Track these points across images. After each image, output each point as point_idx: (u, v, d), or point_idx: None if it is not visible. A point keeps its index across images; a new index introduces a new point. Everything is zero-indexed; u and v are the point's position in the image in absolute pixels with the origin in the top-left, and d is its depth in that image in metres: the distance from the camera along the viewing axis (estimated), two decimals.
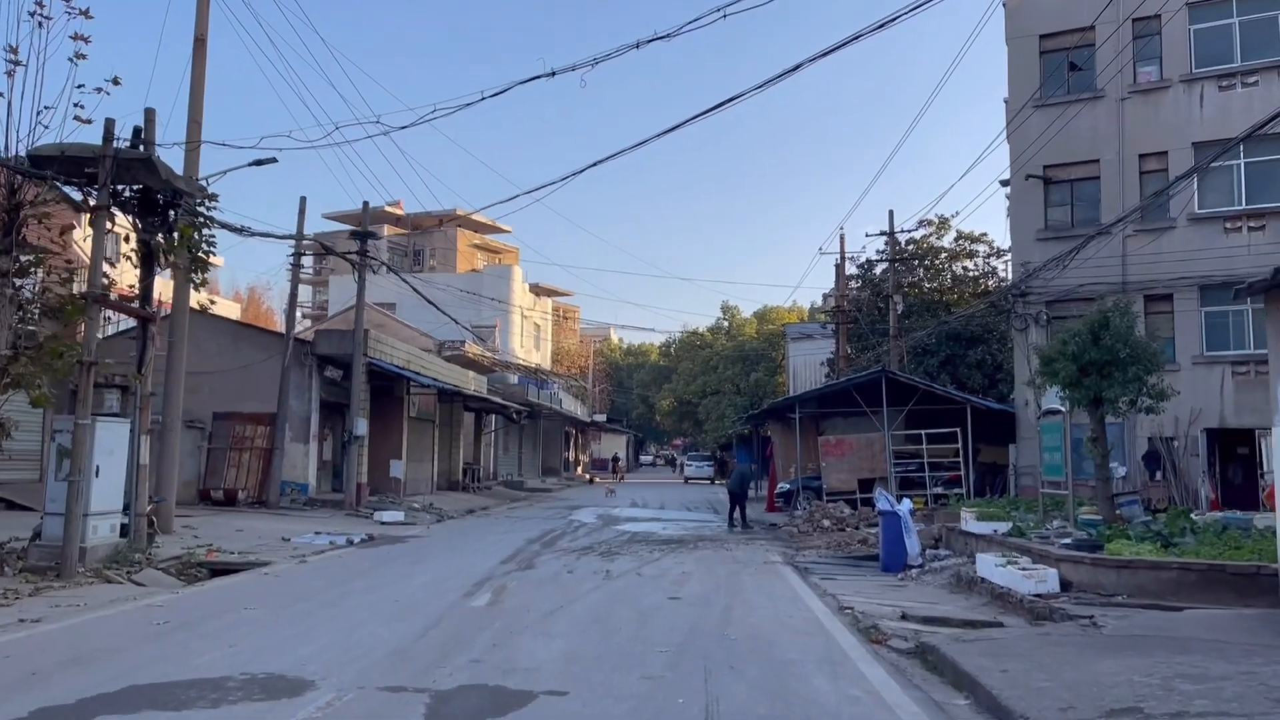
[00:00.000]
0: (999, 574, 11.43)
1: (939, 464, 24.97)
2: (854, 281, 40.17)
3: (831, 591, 12.09)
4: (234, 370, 24.74)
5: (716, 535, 20.89)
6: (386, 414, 28.17)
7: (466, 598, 11.20)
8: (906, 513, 15.47)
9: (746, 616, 10.16)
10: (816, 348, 47.13)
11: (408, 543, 18.47)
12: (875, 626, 9.45)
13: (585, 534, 20.68)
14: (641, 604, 10.93)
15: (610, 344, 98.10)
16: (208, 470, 24.53)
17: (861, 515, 22.75)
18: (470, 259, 68.40)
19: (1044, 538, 12.51)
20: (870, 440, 24.87)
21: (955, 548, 15.77)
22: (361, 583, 12.51)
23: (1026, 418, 23.84)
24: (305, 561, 14.96)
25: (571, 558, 15.80)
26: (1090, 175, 23.86)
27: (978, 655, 7.44)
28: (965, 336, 34.90)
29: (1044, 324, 23.88)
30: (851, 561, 16.39)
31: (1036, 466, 23.85)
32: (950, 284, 39.41)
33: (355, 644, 8.37)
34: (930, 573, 14.36)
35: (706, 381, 59.99)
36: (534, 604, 10.73)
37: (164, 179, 13.71)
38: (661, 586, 12.41)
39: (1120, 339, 13.91)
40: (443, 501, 28.74)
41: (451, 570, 13.83)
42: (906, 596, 12.11)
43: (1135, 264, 22.68)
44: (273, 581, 12.80)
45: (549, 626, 9.38)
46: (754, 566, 15.06)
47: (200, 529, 18.72)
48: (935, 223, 39.19)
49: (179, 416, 18.10)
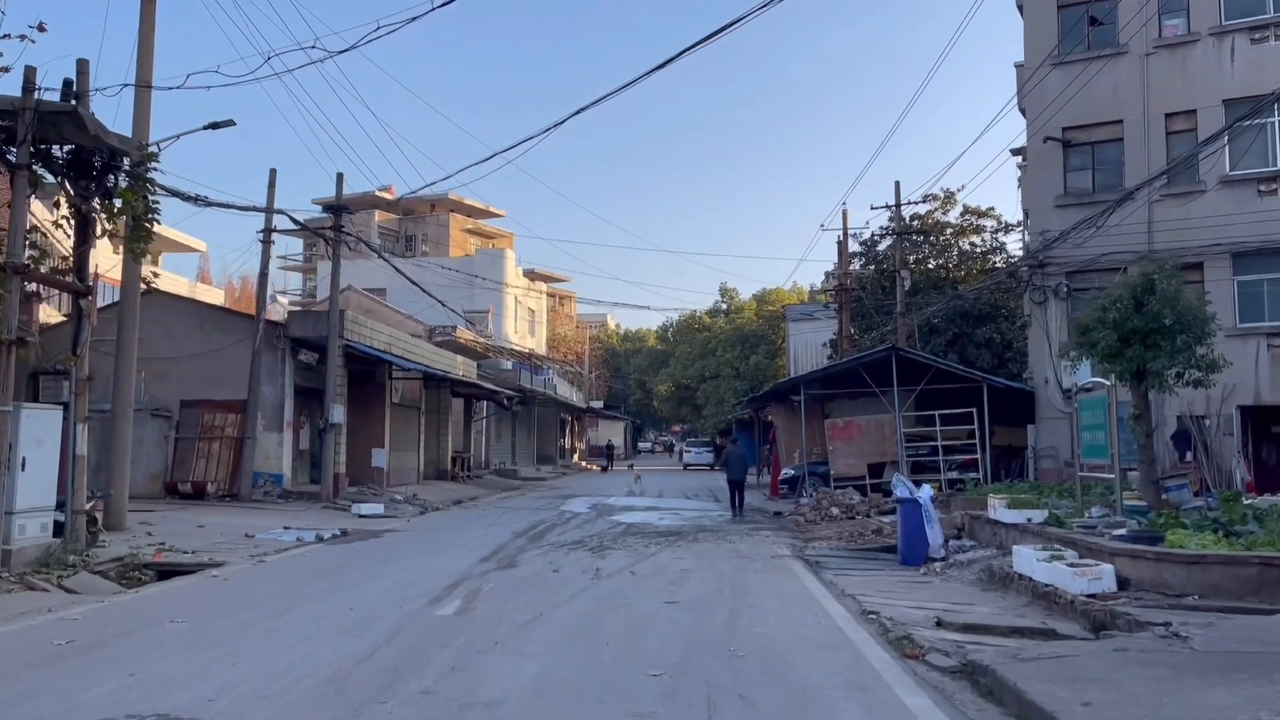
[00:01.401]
0: (1042, 570, 9.99)
1: (951, 447, 23.54)
2: (857, 259, 38.69)
3: (850, 591, 10.64)
4: (202, 355, 23.25)
5: (717, 526, 19.45)
6: (368, 400, 26.68)
7: (433, 605, 9.75)
8: (928, 500, 14.02)
9: (755, 625, 8.71)
10: (818, 329, 45.68)
11: (383, 538, 17.03)
12: (909, 637, 8.00)
13: (577, 526, 19.24)
14: (634, 610, 9.48)
15: (607, 330, 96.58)
16: (175, 462, 23.05)
17: (872, 502, 21.33)
18: (463, 244, 66.89)
19: (1089, 528, 11.07)
20: (880, 422, 23.41)
21: (981, 538, 14.33)
22: (319, 586, 11.06)
23: (1046, 396, 22.41)
24: (263, 562, 13.51)
25: (559, 554, 14.35)
26: (1113, 137, 22.34)
27: (1046, 680, 5.99)
28: (973, 315, 33.56)
29: (1064, 297, 22.40)
30: (866, 554, 14.95)
31: (1058, 449, 22.60)
32: (957, 260, 37.98)
33: (286, 669, 6.92)
34: (956, 567, 12.93)
35: (705, 365, 58.50)
36: (510, 611, 9.28)
37: (93, 134, 12.19)
38: (657, 587, 10.97)
39: (1167, 303, 12.44)
40: (429, 492, 27.30)
41: (423, 571, 12.38)
42: (934, 596, 10.68)
43: (1162, 231, 21.20)
44: (219, 586, 11.35)
45: (524, 641, 7.94)
46: (760, 561, 13.61)
47: (158, 525, 17.28)
48: (940, 197, 37.73)
49: (130, 403, 16.61)
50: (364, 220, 63.81)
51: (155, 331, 23.34)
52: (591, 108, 16.51)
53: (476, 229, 69.75)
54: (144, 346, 23.16)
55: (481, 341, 47.34)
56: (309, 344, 23.82)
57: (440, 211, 67.06)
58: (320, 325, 23.35)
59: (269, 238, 22.79)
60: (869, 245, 38.70)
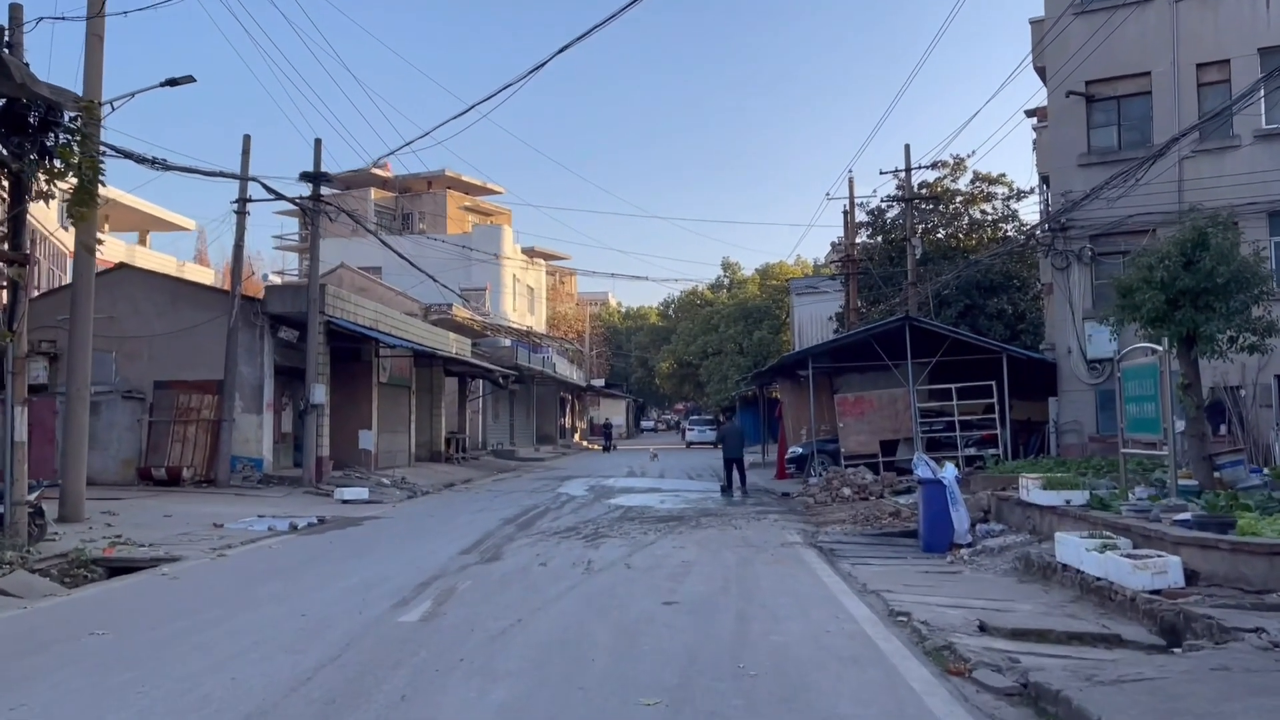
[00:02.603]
0: (1092, 561, 8.75)
1: (968, 422, 22.26)
2: (864, 230, 37.34)
3: (873, 586, 9.41)
4: (176, 333, 22.01)
5: (722, 509, 18.22)
6: (354, 380, 25.44)
7: (398, 608, 8.52)
8: (953, 480, 12.79)
9: (768, 632, 7.49)
10: (823, 303, 44.35)
11: (363, 526, 15.82)
12: (950, 647, 6.77)
13: (572, 510, 18.03)
14: (627, 613, 8.25)
15: (609, 308, 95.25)
16: (149, 446, 21.83)
17: (885, 481, 20.12)
18: (462, 221, 65.60)
19: (1141, 512, 9.81)
20: (893, 397, 22.12)
21: (1010, 521, 13.10)
22: (275, 586, 9.84)
23: (1069, 368, 21.14)
24: (224, 556, 12.29)
25: (549, 543, 13.13)
26: (1140, 90, 20.96)
27: (1139, 714, 4.76)
28: (984, 285, 32.30)
29: (1088, 261, 21.09)
30: (885, 539, 13.73)
31: (1082, 423, 21.34)
32: (967, 229, 36.59)
33: (200, 702, 5.70)
34: (985, 554, 11.71)
35: (707, 341, 57.22)
36: (484, 617, 8.06)
37: (19, 82, 10.87)
38: (655, 584, 9.74)
39: (1222, 260, 11.16)
40: (419, 475, 26.10)
41: (397, 565, 11.16)
42: (968, 590, 9.45)
43: (1194, 190, 19.83)
44: (165, 587, 10.13)
45: (495, 657, 6.72)
46: (769, 550, 12.38)
47: (122, 515, 16.08)
48: (950, 164, 36.30)
49: (86, 384, 15.35)
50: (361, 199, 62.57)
51: (126, 309, 22.16)
52: (574, 45, 15.11)
53: (475, 206, 68.53)
54: (114, 325, 22.05)
55: (479, 320, 46.07)
56: (289, 320, 22.54)
57: (438, 189, 65.91)
58: (300, 300, 22.06)
59: (244, 208, 21.46)
60: (876, 215, 37.35)
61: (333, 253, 52.52)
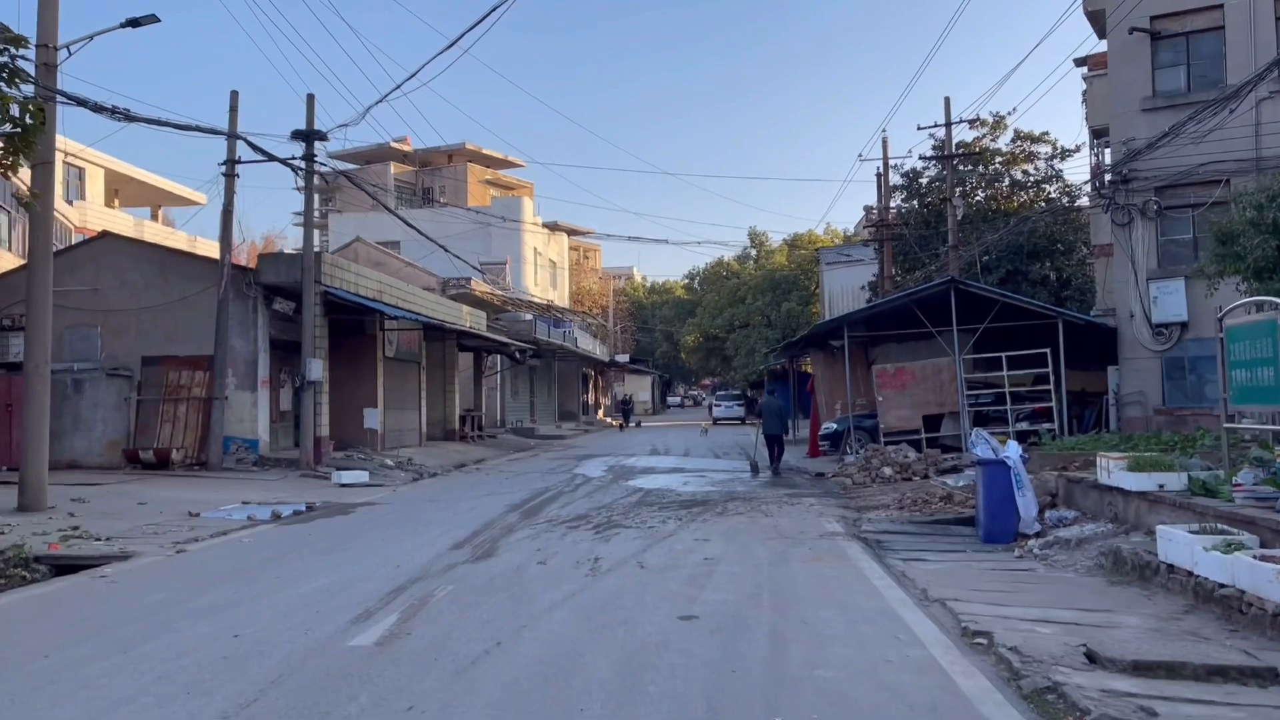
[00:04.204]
0: (1212, 563, 7.04)
1: (1017, 394, 20.42)
2: (898, 193, 35.32)
3: (936, 593, 7.74)
4: (165, 306, 20.59)
5: (751, 492, 16.58)
6: (358, 355, 23.94)
7: (356, 625, 6.96)
8: (1018, 460, 11.08)
9: (812, 662, 5.84)
10: (854, 272, 42.46)
11: (354, 514, 14.33)
12: (1056, 689, 5.10)
13: (585, 494, 16.45)
14: (634, 633, 6.63)
15: (633, 283, 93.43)
16: (137, 427, 20.46)
17: (929, 459, 18.38)
18: (482, 195, 64.14)
19: (1264, 500, 8.06)
20: (938, 367, 20.30)
21: (1084, 507, 11.36)
22: (223, 593, 8.32)
23: (1131, 333, 19.25)
24: (184, 551, 10.81)
25: (554, 535, 11.54)
26: (1211, 25, 18.91)
27: None
28: (1026, 250, 30.41)
29: (1152, 216, 19.14)
30: (937, 527, 12.04)
31: (1146, 393, 19.43)
32: (1008, 191, 34.49)
33: None
34: (1059, 547, 10.01)
35: (734, 314, 55.39)
36: (456, 638, 6.49)
37: None
38: (671, 589, 8.12)
39: None
40: (429, 455, 24.62)
41: (373, 564, 9.62)
42: (1053, 597, 7.77)
43: (1273, 134, 17.91)
44: (94, 594, 8.63)
45: (456, 702, 5.13)
46: (806, 543, 10.72)
47: (93, 503, 14.70)
48: (989, 122, 34.20)
49: (46, 359, 13.87)
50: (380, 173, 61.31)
51: (111, 280, 20.78)
52: None
53: (495, 179, 67.24)
54: (99, 298, 20.70)
55: (498, 294, 44.55)
56: (284, 291, 21.03)
57: (458, 162, 64.83)
58: (295, 269, 20.53)
59: (232, 169, 19.90)
60: (911, 177, 35.34)
61: (350, 227, 51.24)
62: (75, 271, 20.77)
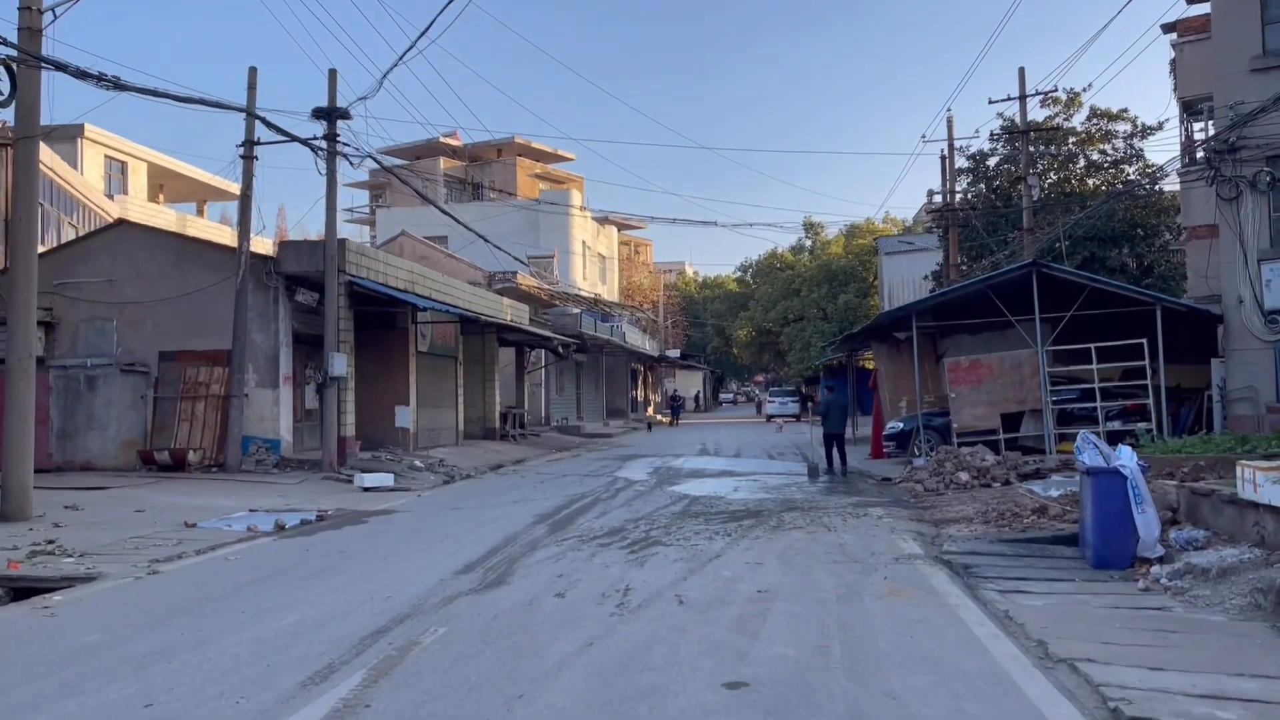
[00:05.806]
0: None
1: (1105, 390, 18.38)
2: (964, 177, 33.18)
3: (1059, 650, 5.96)
4: (183, 297, 19.39)
5: (810, 499, 14.83)
6: (388, 349, 22.59)
7: (306, 688, 5.41)
8: (1136, 470, 9.19)
9: None
10: (916, 262, 40.42)
11: (365, 524, 12.87)
12: None
13: (624, 502, 14.83)
14: (663, 711, 4.97)
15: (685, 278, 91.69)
16: (154, 426, 19.28)
17: (1010, 462, 16.47)
18: (532, 189, 63.10)
19: None
20: (1018, 360, 18.31)
21: (1216, 526, 9.45)
22: (171, 633, 6.84)
23: (1240, 321, 17.13)
24: (157, 573, 9.39)
25: (582, 555, 9.92)
26: None
27: None
28: (1104, 236, 28.26)
29: (1264, 189, 16.99)
30: (1032, 546, 10.18)
31: (1257, 389, 17.26)
32: (1083, 173, 32.16)
33: None
34: (1193, 577, 8.15)
35: (788, 307, 53.40)
36: (430, 710, 4.89)
37: None
38: (715, 640, 6.43)
39: None
40: (464, 456, 23.20)
41: (361, 594, 8.08)
42: (1213, 656, 5.96)
43: None
44: (23, 629, 7.20)
45: None
46: (880, 569, 8.96)
47: (86, 511, 13.46)
48: (1063, 100, 31.85)
49: (29, 352, 12.59)
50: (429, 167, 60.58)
51: (127, 271, 19.65)
52: None
53: (545, 173, 66.40)
54: (114, 289, 19.59)
55: (545, 288, 43.20)
56: (307, 281, 19.72)
57: (507, 156, 64.05)
58: (318, 258, 19.18)
59: (250, 151, 18.63)
60: (978, 159, 33.19)
61: (397, 221, 50.37)
62: (90, 262, 19.69)
